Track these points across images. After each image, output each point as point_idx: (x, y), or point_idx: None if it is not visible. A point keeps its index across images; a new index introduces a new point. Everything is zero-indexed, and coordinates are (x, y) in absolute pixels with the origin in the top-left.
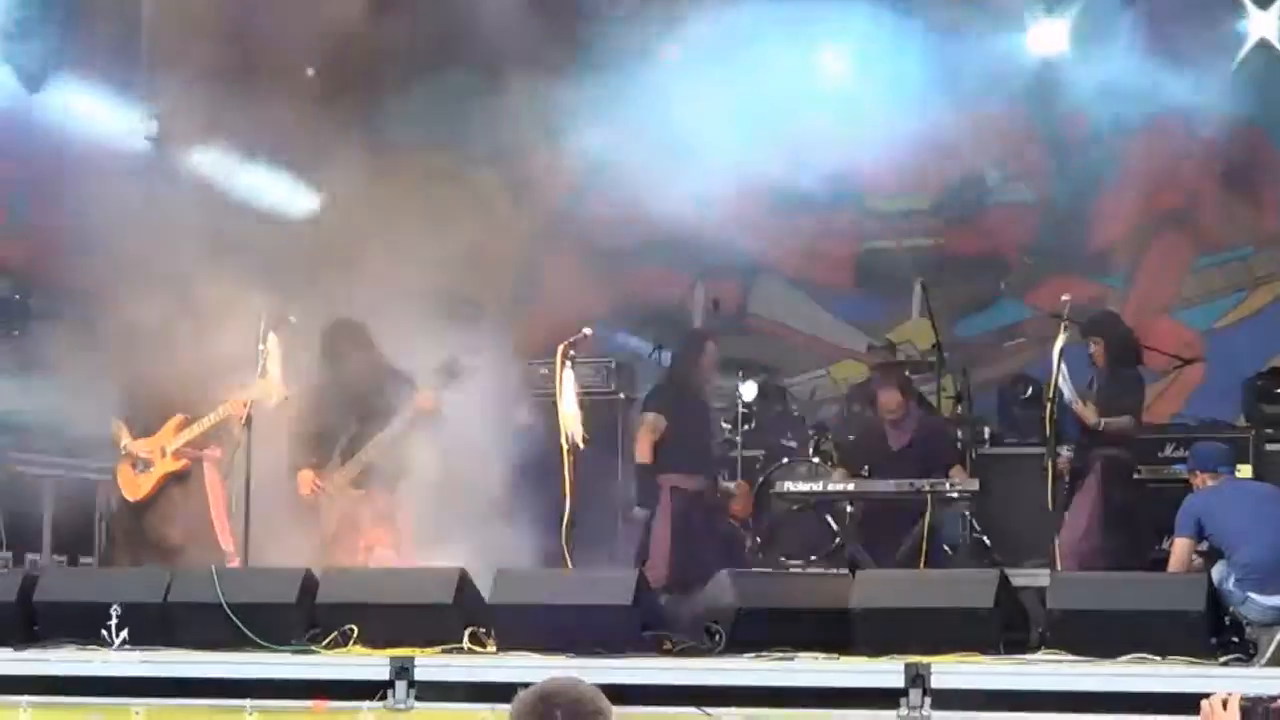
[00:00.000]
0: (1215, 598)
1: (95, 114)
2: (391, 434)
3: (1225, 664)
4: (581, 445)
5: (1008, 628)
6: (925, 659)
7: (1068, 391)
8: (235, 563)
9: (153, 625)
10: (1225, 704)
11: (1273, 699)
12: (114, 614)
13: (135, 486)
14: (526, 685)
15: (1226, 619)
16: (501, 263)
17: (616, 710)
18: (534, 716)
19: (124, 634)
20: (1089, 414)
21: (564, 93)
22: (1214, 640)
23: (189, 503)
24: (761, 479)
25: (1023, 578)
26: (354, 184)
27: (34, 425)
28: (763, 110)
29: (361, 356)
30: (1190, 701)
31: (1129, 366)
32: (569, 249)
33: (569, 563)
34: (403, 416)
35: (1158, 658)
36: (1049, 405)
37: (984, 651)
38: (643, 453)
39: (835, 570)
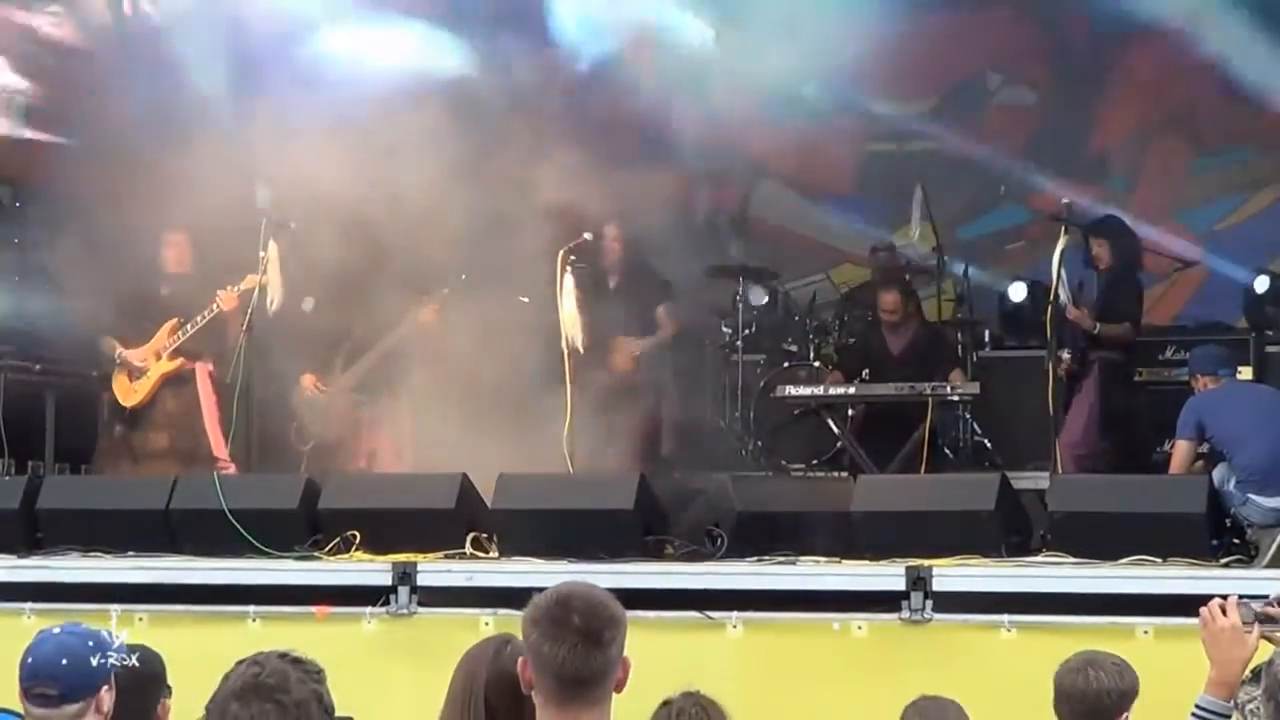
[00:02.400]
0: (1216, 500)
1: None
2: (390, 343)
3: (1226, 566)
4: (582, 350)
5: (1009, 530)
6: (927, 562)
7: (1064, 295)
8: (230, 469)
9: (155, 532)
10: (1224, 610)
11: (1268, 600)
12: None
13: (131, 392)
14: (528, 590)
15: (1227, 521)
16: (500, 168)
17: None
18: (550, 621)
19: (123, 635)
20: (1084, 319)
21: None
22: (1215, 542)
23: (182, 411)
24: (763, 383)
25: (1024, 480)
26: None
27: (34, 332)
28: (765, 14)
29: (372, 263)
30: (1191, 603)
31: (1130, 272)
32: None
33: (570, 467)
34: (403, 327)
35: (1158, 559)
36: (1049, 308)
37: (985, 554)
38: None
39: (836, 474)
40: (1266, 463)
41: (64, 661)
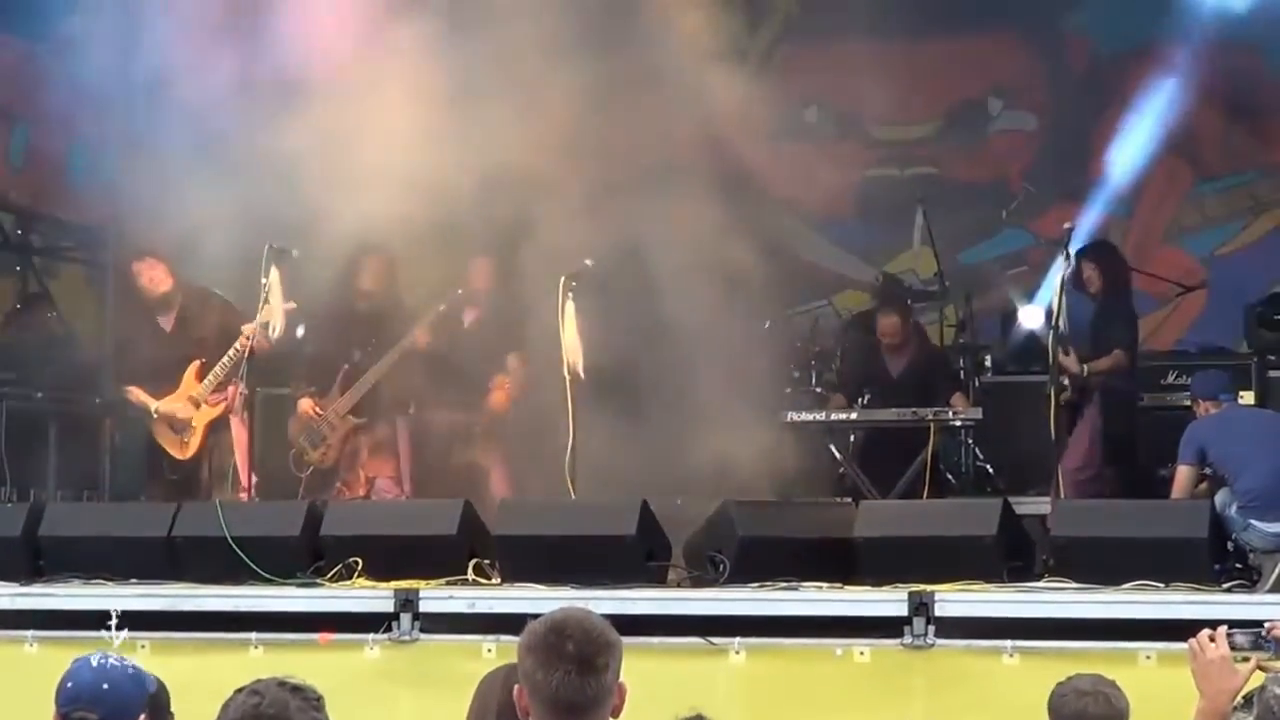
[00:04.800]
0: (1218, 524)
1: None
2: (382, 368)
3: (1228, 591)
4: (583, 375)
5: (1011, 556)
6: (929, 587)
7: (1063, 323)
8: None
9: (157, 559)
10: (1213, 639)
11: (1255, 624)
12: (114, 614)
13: (182, 446)
14: (531, 616)
15: (1229, 546)
16: (503, 191)
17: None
18: (545, 647)
19: (123, 633)
20: (1071, 363)
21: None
22: (1217, 567)
23: (228, 449)
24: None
25: (1026, 506)
26: None
27: (37, 359)
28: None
29: (374, 287)
30: (1194, 628)
31: (1122, 296)
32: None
33: (573, 493)
34: (394, 352)
35: (1161, 585)
36: (1051, 334)
37: (987, 580)
38: None
39: (839, 499)
40: (1268, 487)
41: (105, 687)
